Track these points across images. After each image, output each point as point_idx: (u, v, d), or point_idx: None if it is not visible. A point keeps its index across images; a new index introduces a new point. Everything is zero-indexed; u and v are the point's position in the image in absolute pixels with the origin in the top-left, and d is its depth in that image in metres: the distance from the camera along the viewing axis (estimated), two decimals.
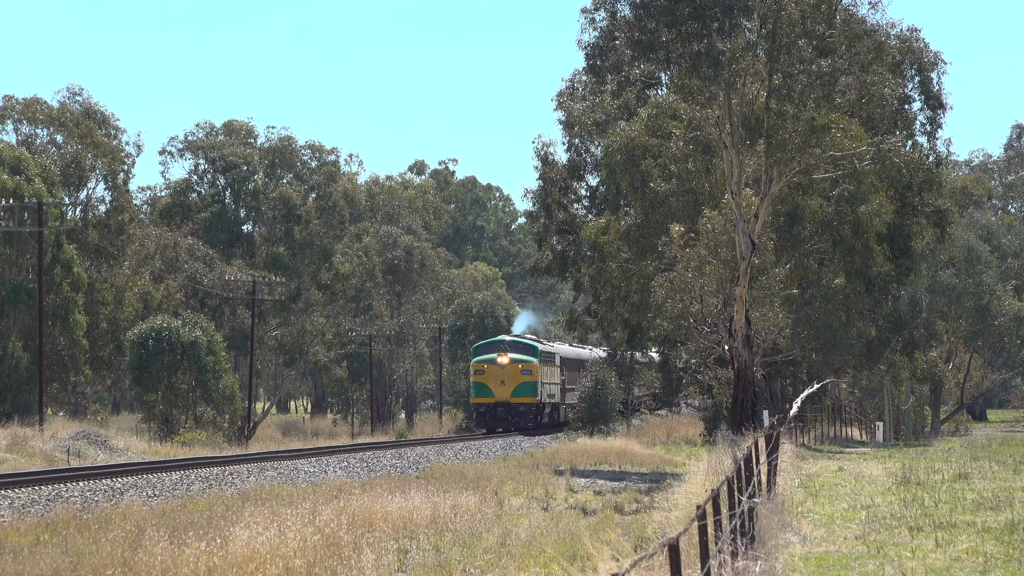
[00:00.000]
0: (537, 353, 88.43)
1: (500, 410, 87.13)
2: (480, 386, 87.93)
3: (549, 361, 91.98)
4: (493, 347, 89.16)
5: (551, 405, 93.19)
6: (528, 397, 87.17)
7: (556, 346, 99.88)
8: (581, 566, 24.94)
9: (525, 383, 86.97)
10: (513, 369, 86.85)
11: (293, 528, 28.11)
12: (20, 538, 28.10)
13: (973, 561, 22.99)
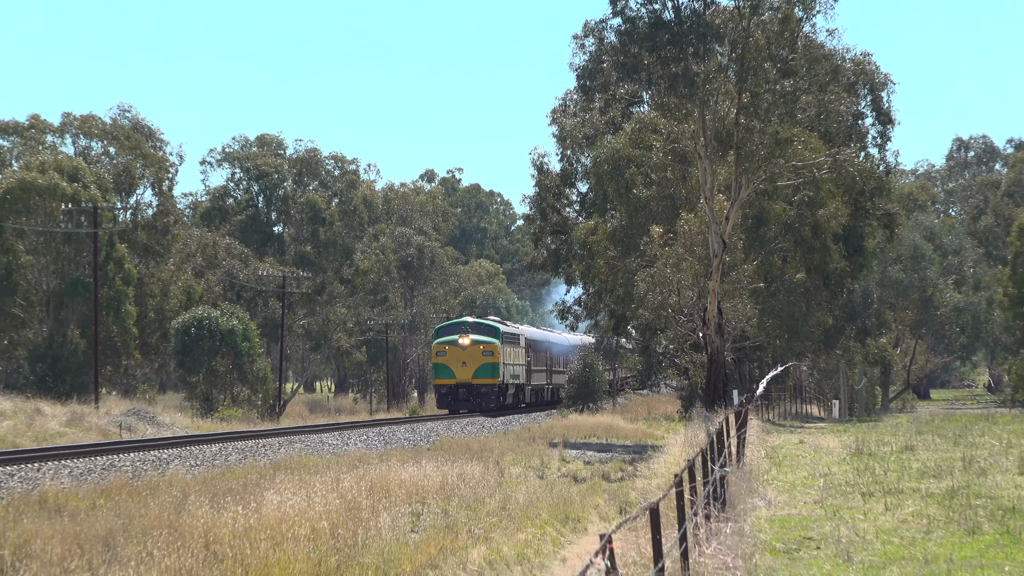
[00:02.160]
0: (499, 335, 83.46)
1: (462, 391, 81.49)
2: (442, 367, 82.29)
3: (513, 343, 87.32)
4: (455, 328, 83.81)
5: (515, 386, 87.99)
6: (490, 378, 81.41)
7: (521, 328, 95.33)
8: (573, 527, 24.94)
9: (486, 364, 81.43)
10: (474, 350, 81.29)
11: (319, 494, 28.13)
12: (78, 502, 28.13)
13: (918, 523, 23.00)
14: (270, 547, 21.82)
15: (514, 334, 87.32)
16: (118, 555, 21.30)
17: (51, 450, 42.82)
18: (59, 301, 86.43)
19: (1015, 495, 26.56)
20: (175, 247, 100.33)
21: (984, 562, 18.84)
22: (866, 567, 18.56)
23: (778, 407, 72.54)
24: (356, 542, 22.88)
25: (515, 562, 19.86)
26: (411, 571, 20.15)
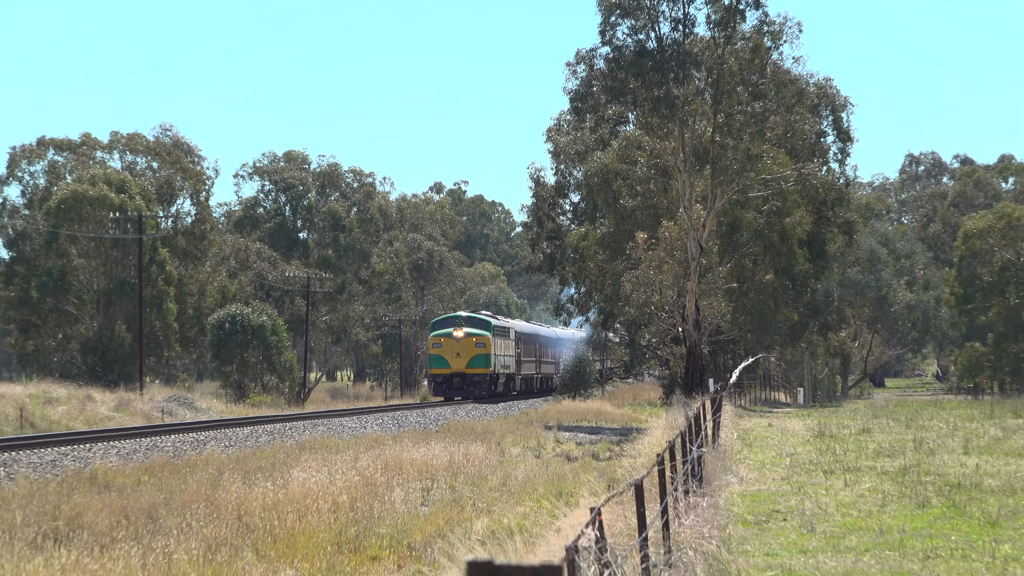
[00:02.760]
0: (491, 328, 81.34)
1: (456, 380, 79.07)
2: (437, 358, 79.92)
3: (503, 335, 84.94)
4: (450, 322, 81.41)
5: (505, 375, 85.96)
6: (482, 368, 79.09)
7: (512, 322, 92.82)
8: (566, 501, 24.94)
9: (479, 355, 78.99)
10: (468, 342, 78.92)
11: (339, 471, 28.14)
12: (125, 479, 28.14)
13: (874, 497, 23.02)
14: (296, 519, 21.84)
15: (505, 327, 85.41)
16: (160, 526, 21.31)
17: (101, 432, 42.86)
18: (108, 299, 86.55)
19: (960, 472, 26.59)
20: (211, 251, 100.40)
21: (933, 532, 18.86)
22: (828, 536, 18.57)
23: (749, 394, 72.56)
24: (372, 514, 22.89)
25: (515, 532, 19.85)
26: (421, 540, 20.16)
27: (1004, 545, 17.48)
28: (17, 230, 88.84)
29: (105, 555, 18.40)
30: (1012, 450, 31.94)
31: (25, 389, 57.07)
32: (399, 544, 20.23)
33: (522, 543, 18.68)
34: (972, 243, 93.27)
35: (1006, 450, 31.98)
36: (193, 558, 18.36)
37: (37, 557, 17.90)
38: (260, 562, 18.87)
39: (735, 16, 60.27)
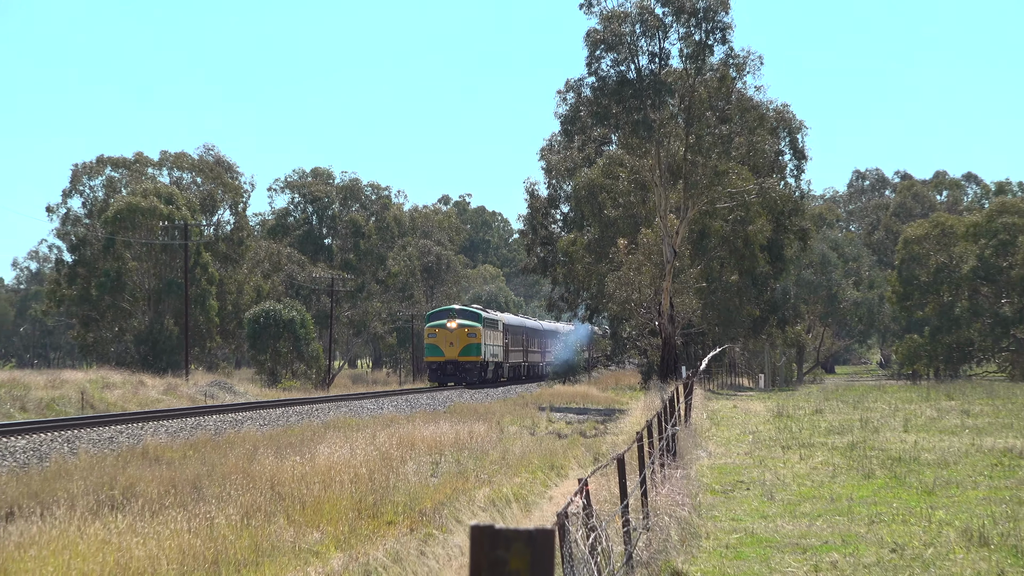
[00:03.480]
0: (481, 319, 78.62)
1: (449, 367, 76.64)
2: (433, 347, 77.33)
3: (492, 327, 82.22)
4: (444, 314, 78.99)
5: (494, 363, 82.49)
6: (473, 356, 76.55)
7: (501, 315, 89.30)
8: (557, 473, 24.96)
9: (470, 344, 76.51)
10: (460, 332, 76.54)
11: (359, 447, 28.16)
12: (172, 454, 28.16)
13: (825, 469, 23.04)
14: (321, 488, 21.85)
15: (494, 320, 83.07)
16: (203, 494, 21.33)
17: (151, 413, 42.90)
18: (157, 297, 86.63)
19: (901, 448, 26.62)
20: (247, 255, 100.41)
21: (877, 500, 18.88)
22: (785, 504, 18.59)
23: (717, 380, 72.56)
24: (388, 485, 22.90)
25: (513, 500, 19.87)
26: (431, 507, 20.17)
27: (939, 511, 17.51)
28: (79, 237, 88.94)
29: (155, 520, 18.42)
30: (945, 428, 31.97)
31: (86, 375, 57.14)
32: (411, 510, 20.25)
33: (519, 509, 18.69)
34: (911, 248, 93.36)
35: (940, 428, 32.01)
36: (232, 523, 18.39)
37: (96, 522, 17.91)
38: (290, 526, 18.89)
39: (704, 50, 60.34)
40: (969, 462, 23.72)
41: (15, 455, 28.84)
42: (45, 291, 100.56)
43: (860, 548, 14.68)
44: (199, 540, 16.94)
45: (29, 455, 28.90)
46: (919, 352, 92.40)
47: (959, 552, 14.27)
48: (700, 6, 60.29)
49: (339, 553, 16.89)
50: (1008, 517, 16.60)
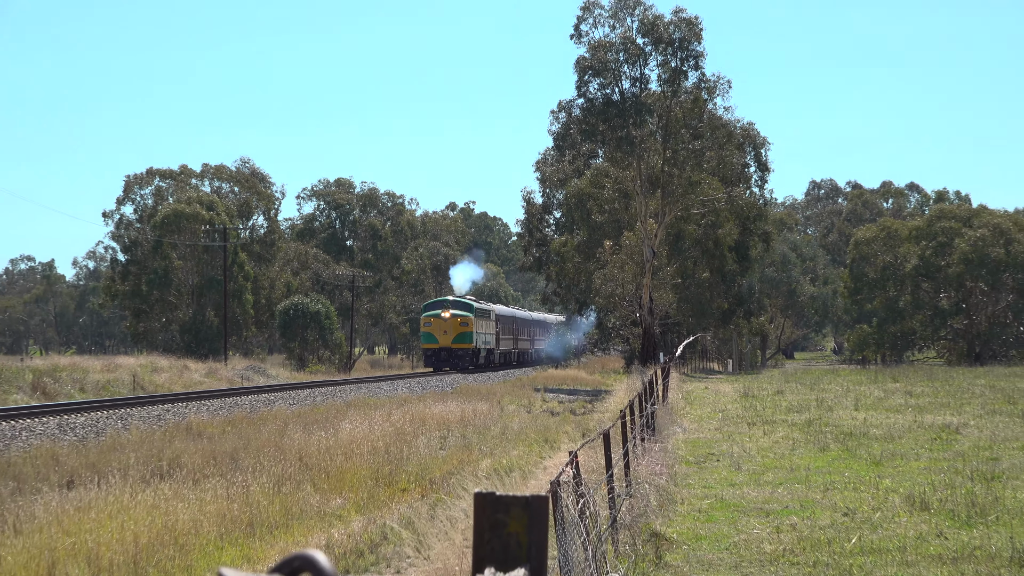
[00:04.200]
0: (473, 310, 75.12)
1: (443, 353, 73.14)
2: (428, 335, 73.85)
3: (484, 316, 78.86)
4: (439, 305, 75.35)
5: (486, 350, 78.81)
6: (465, 343, 73.14)
7: (492, 306, 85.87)
8: (550, 446, 24.96)
9: (463, 332, 73.03)
10: (453, 322, 72.97)
11: (377, 423, 28.18)
12: (213, 429, 28.17)
13: (786, 443, 23.04)
14: (344, 460, 21.85)
15: (486, 310, 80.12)
16: (239, 464, 21.33)
17: (194, 393, 42.90)
18: (200, 292, 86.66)
19: (852, 424, 26.62)
20: (279, 255, 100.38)
21: (831, 469, 18.89)
22: (751, 473, 18.59)
23: (690, 364, 72.58)
24: (402, 456, 22.91)
25: (512, 470, 19.87)
26: (440, 476, 20.17)
27: (885, 479, 17.52)
28: (131, 239, 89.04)
29: (198, 487, 18.42)
30: (891, 407, 31.99)
31: (136, 360, 57.16)
32: (422, 479, 20.25)
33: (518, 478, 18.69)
34: (860, 249, 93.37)
35: (886, 407, 32.03)
36: (265, 490, 18.39)
37: (146, 489, 17.91)
38: (316, 493, 18.90)
39: (680, 76, 60.40)
40: (912, 437, 23.74)
41: (75, 430, 28.87)
42: (102, 287, 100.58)
43: (816, 512, 14.69)
44: (236, 505, 16.95)
45: (87, 430, 28.93)
46: (868, 340, 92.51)
47: (903, 516, 14.28)
48: (676, 37, 60.36)
49: (359, 516, 16.90)
50: (946, 485, 16.61)
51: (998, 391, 38.31)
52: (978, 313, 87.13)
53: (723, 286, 70.65)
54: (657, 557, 11.72)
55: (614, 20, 61.23)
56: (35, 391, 42.15)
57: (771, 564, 11.65)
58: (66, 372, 47.03)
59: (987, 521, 13.73)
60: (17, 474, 20.31)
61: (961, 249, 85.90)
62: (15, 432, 27.86)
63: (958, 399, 34.60)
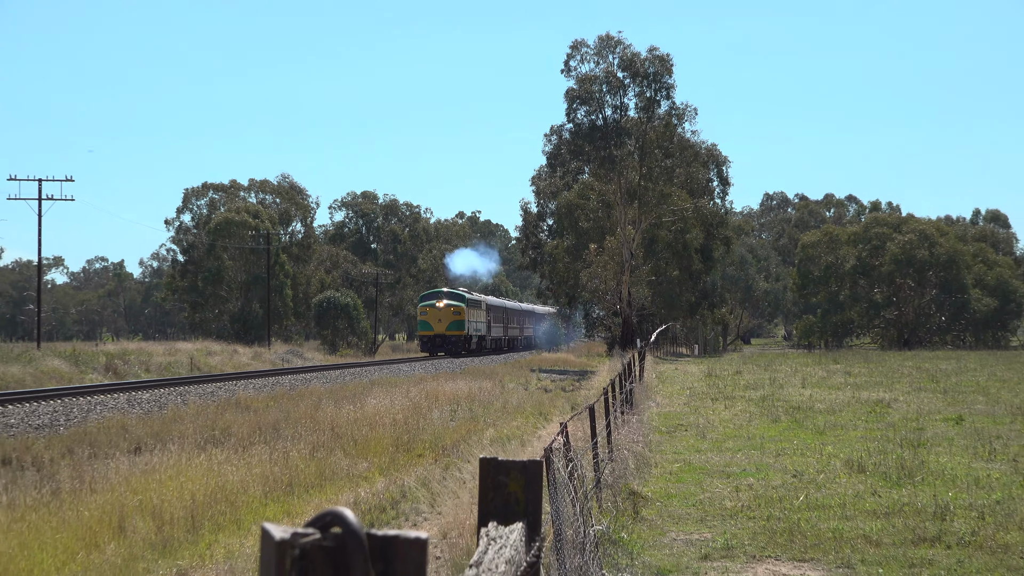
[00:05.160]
0: (465, 300, 71.51)
1: (438, 340, 69.85)
2: (424, 323, 70.66)
3: (476, 307, 74.72)
4: (434, 296, 72.22)
5: (477, 337, 75.12)
6: (458, 331, 69.81)
7: (484, 297, 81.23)
8: (544, 418, 24.94)
9: (456, 321, 69.62)
10: (447, 311, 69.69)
11: (397, 399, 28.16)
12: (258, 404, 28.16)
13: (744, 415, 23.03)
14: (369, 430, 21.84)
15: (478, 300, 76.62)
16: (280, 433, 21.32)
17: (242, 374, 42.92)
18: (247, 287, 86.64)
19: (799, 399, 26.62)
20: (314, 256, 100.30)
21: (782, 438, 18.88)
22: (714, 441, 18.58)
23: (663, 349, 72.52)
24: (418, 427, 22.90)
25: (511, 438, 19.86)
26: (450, 444, 20.16)
27: (828, 446, 17.51)
28: (189, 243, 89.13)
29: (245, 453, 18.41)
30: (832, 385, 31.99)
31: (193, 345, 57.17)
32: (436, 446, 20.24)
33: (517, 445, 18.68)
34: (807, 251, 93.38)
35: (829, 385, 32.04)
36: (302, 455, 18.38)
37: (201, 455, 17.90)
38: (346, 458, 18.89)
39: (654, 104, 60.42)
40: (850, 410, 23.73)
41: (141, 404, 28.86)
42: (164, 283, 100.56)
43: (769, 474, 14.68)
44: (278, 468, 16.94)
45: (151, 404, 28.93)
46: (813, 328, 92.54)
47: (843, 477, 14.27)
48: (651, 71, 60.39)
49: (382, 478, 16.88)
50: (879, 451, 16.61)
51: (923, 371, 38.34)
52: (906, 305, 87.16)
53: (690, 282, 70.63)
54: (635, 512, 11.72)
55: (598, 57, 61.26)
56: (108, 372, 42.16)
57: (731, 518, 11.65)
58: (134, 355, 47.04)
59: (914, 482, 13.73)
60: (93, 442, 20.31)
61: (892, 251, 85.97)
62: (91, 406, 27.88)
63: (889, 378, 34.62)
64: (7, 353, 40.39)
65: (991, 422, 21.04)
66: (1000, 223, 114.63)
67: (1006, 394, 27.65)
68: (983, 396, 27.13)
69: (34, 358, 40.41)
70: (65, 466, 17.52)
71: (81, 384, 35.07)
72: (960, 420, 21.22)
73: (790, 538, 10.50)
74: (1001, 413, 22.78)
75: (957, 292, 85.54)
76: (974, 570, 9.31)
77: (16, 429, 22.85)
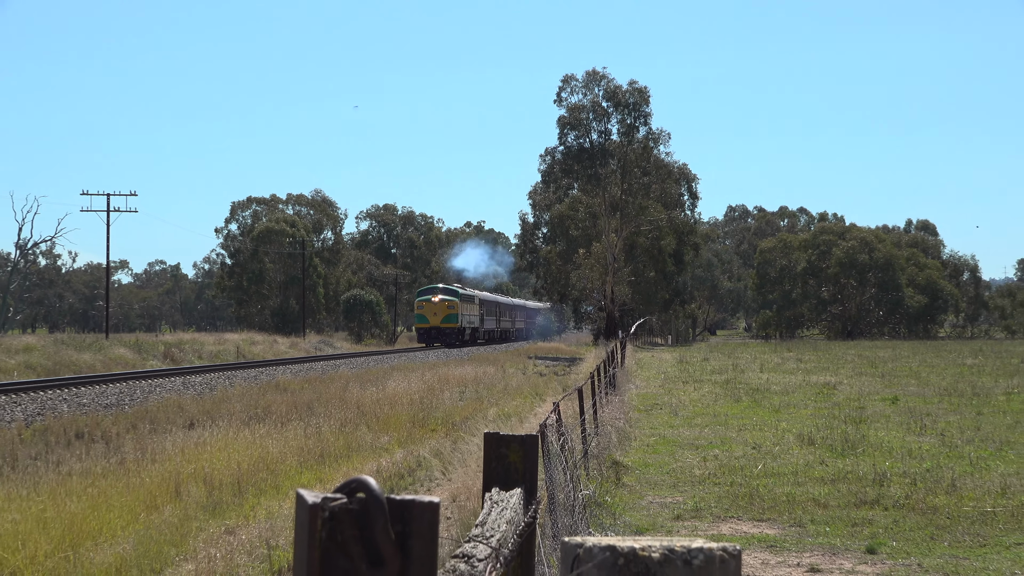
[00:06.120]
0: (458, 295, 67.65)
1: (433, 332, 66.19)
2: (421, 316, 66.90)
3: (469, 301, 70.62)
4: (430, 291, 68.11)
5: (471, 329, 71.05)
6: (451, 323, 66.01)
7: (477, 292, 76.91)
8: (540, 398, 24.93)
9: (450, 314, 65.87)
10: (441, 305, 65.92)
11: (414, 381, 28.13)
12: (294, 386, 28.15)
13: (711, 396, 23.01)
14: (389, 408, 21.82)
15: (471, 295, 72.82)
16: (314, 411, 21.31)
17: (281, 361, 42.90)
18: (285, 286, 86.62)
19: (758, 382, 26.59)
20: (342, 260, 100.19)
21: (743, 415, 18.86)
22: (685, 418, 18.56)
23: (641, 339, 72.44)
24: (432, 405, 22.88)
25: (511, 415, 19.84)
26: (460, 420, 20.15)
27: (782, 423, 17.50)
28: (235, 248, 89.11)
29: (283, 428, 18.40)
30: (786, 370, 31.97)
31: (239, 336, 57.13)
32: (447, 422, 20.23)
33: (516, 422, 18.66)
34: (764, 255, 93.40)
35: (783, 370, 32.02)
36: (332, 430, 18.37)
37: (246, 430, 17.89)
38: (369, 432, 18.87)
39: (633, 130, 60.44)
40: (802, 392, 23.71)
41: (195, 387, 28.85)
42: (214, 282, 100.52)
43: (732, 446, 14.67)
44: (311, 441, 16.93)
45: (203, 387, 28.92)
46: (770, 321, 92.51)
47: (795, 449, 14.26)
48: (630, 101, 60.40)
49: (400, 449, 16.87)
50: (826, 427, 16.60)
51: (864, 359, 38.33)
52: (849, 302, 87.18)
53: (664, 282, 70.59)
54: (617, 479, 11.71)
55: (586, 89, 61.27)
56: (166, 358, 42.14)
57: (700, 484, 11.64)
58: (188, 345, 47.03)
59: (856, 453, 13.72)
60: (153, 418, 20.30)
61: (837, 256, 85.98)
62: (151, 388, 27.86)
63: (835, 364, 34.61)
64: (80, 343, 40.38)
65: (922, 402, 21.02)
66: (929, 231, 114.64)
67: (935, 378, 27.64)
68: (915, 380, 27.12)
69: (103, 347, 40.40)
70: (129, 439, 17.52)
71: (143, 369, 35.06)
72: (895, 400, 21.21)
73: (750, 501, 10.49)
74: (930, 394, 22.77)
75: (893, 291, 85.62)
76: (907, 528, 9.30)
77: (88, 408, 22.85)
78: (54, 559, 9.61)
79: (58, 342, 39.33)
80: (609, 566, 1.26)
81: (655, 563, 1.25)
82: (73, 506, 11.35)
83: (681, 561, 1.26)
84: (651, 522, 9.56)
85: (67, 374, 32.53)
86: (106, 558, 9.57)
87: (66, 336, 43.20)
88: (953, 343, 61.92)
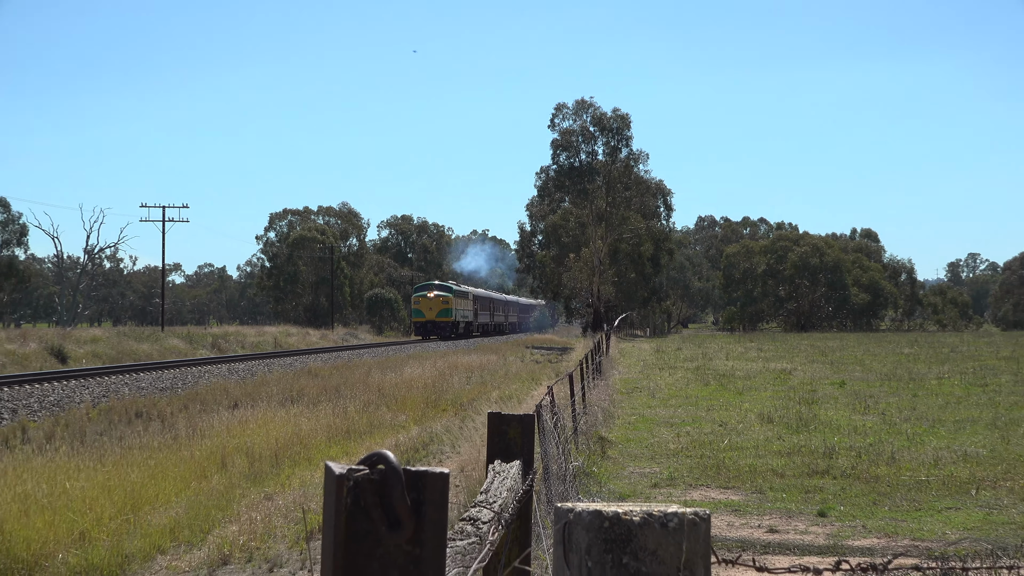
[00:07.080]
0: (453, 291, 63.57)
1: (429, 325, 62.22)
2: (417, 311, 62.98)
3: (463, 297, 66.52)
4: (426, 287, 64.49)
5: (464, 323, 66.70)
6: (446, 318, 62.15)
7: (471, 289, 72.33)
8: (536, 382, 24.89)
9: (444, 309, 62.02)
10: (436, 300, 62.14)
11: (427, 368, 28.10)
12: (324, 372, 28.11)
13: (684, 381, 22.97)
14: (406, 391, 21.80)
15: (465, 292, 69.00)
16: (341, 394, 21.28)
17: (312, 350, 42.86)
18: (316, 286, 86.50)
19: (724, 368, 26.54)
20: (365, 263, 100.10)
21: (711, 397, 18.83)
22: (661, 399, 18.53)
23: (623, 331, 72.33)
24: (443, 388, 22.85)
25: (511, 397, 19.82)
26: (467, 401, 20.13)
27: (745, 404, 17.48)
28: (273, 253, 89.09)
29: (315, 409, 18.39)
30: (748, 358, 31.93)
31: (276, 329, 57.07)
32: (456, 403, 20.22)
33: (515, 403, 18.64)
34: (730, 259, 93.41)
35: (746, 358, 31.98)
36: (357, 410, 18.34)
37: (282, 410, 17.88)
38: (389, 412, 18.85)
39: (617, 151, 60.39)
40: (762, 377, 23.69)
41: (238, 373, 28.82)
42: (255, 283, 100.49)
43: (702, 424, 14.65)
44: (339, 420, 16.92)
45: (245, 373, 28.89)
46: (734, 316, 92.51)
47: (757, 426, 14.24)
48: (614, 126, 60.37)
49: (416, 427, 16.86)
50: (783, 408, 16.58)
51: (816, 348, 38.29)
52: (803, 299, 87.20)
53: (643, 282, 70.49)
54: (602, 452, 11.70)
55: (575, 115, 61.23)
56: (213, 348, 42.13)
57: (674, 456, 11.63)
58: (232, 336, 47.01)
59: (809, 430, 13.71)
60: (202, 400, 20.29)
61: (792, 259, 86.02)
62: (201, 374, 27.84)
63: (790, 353, 34.59)
64: (140, 335, 40.37)
65: (866, 385, 21.01)
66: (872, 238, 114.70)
67: (876, 365, 27.62)
68: (860, 366, 27.10)
69: (159, 338, 40.39)
70: (182, 418, 17.51)
71: (193, 357, 35.04)
72: (843, 384, 21.19)
73: (717, 471, 10.48)
74: (873, 379, 22.75)
75: (840, 289, 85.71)
76: (853, 495, 9.30)
77: (146, 391, 22.84)
78: (117, 521, 9.62)
79: (120, 334, 39.35)
80: (596, 528, 1.29)
81: (636, 525, 1.28)
82: (133, 475, 11.36)
83: (659, 524, 1.28)
84: (632, 489, 9.55)
85: (128, 362, 32.53)
86: (162, 520, 9.58)
87: (127, 329, 43.24)
88: (892, 335, 61.94)
